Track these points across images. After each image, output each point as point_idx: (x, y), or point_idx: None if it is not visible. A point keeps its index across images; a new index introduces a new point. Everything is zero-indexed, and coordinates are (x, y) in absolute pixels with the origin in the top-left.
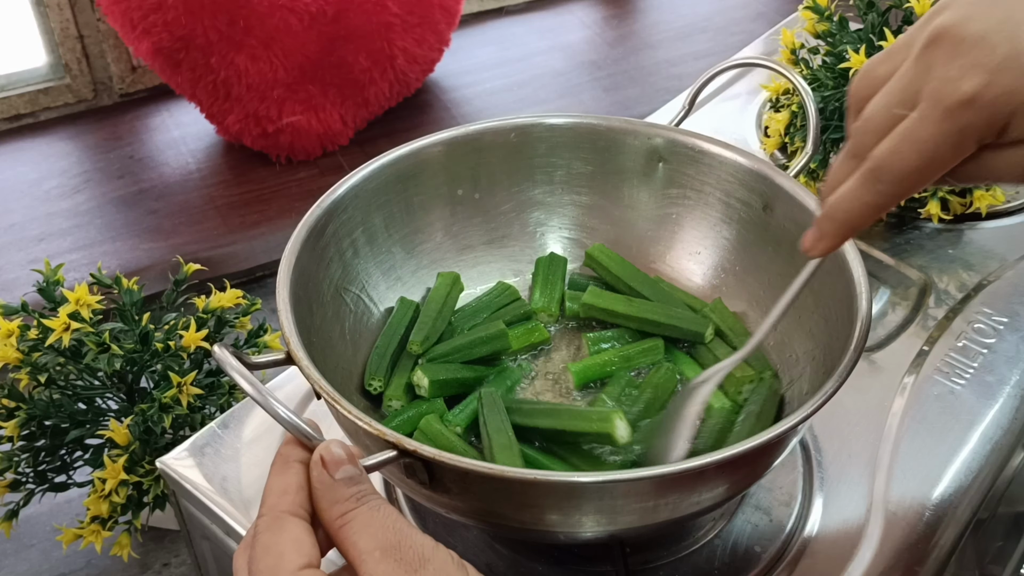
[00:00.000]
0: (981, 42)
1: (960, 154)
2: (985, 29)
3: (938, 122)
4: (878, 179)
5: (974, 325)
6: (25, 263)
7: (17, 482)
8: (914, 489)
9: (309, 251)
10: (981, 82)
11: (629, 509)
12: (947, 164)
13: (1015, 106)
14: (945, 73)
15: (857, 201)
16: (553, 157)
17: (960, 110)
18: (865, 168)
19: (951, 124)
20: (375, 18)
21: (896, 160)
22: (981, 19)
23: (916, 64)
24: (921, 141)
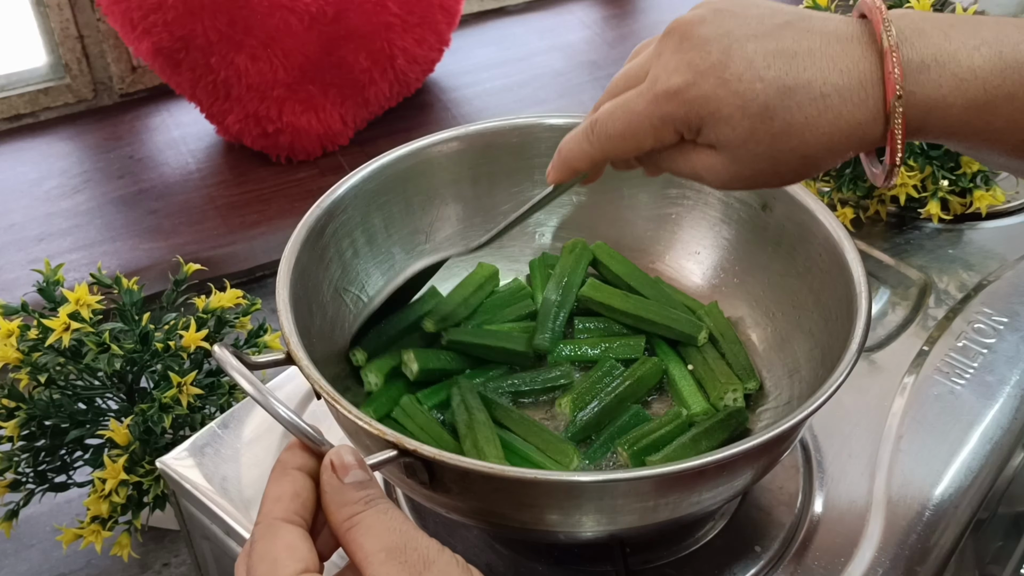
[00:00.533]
0: (701, 45)
1: (659, 137)
2: (709, 35)
3: (647, 102)
4: (592, 131)
5: (974, 325)
6: (25, 263)
7: (17, 482)
8: (914, 489)
9: (309, 251)
10: (687, 80)
11: (629, 509)
12: (647, 140)
13: (708, 110)
14: (666, 63)
15: (577, 146)
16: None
17: (665, 98)
18: (589, 120)
19: (656, 108)
20: (375, 18)
21: (608, 121)
22: (712, 25)
23: (655, 47)
24: (631, 112)
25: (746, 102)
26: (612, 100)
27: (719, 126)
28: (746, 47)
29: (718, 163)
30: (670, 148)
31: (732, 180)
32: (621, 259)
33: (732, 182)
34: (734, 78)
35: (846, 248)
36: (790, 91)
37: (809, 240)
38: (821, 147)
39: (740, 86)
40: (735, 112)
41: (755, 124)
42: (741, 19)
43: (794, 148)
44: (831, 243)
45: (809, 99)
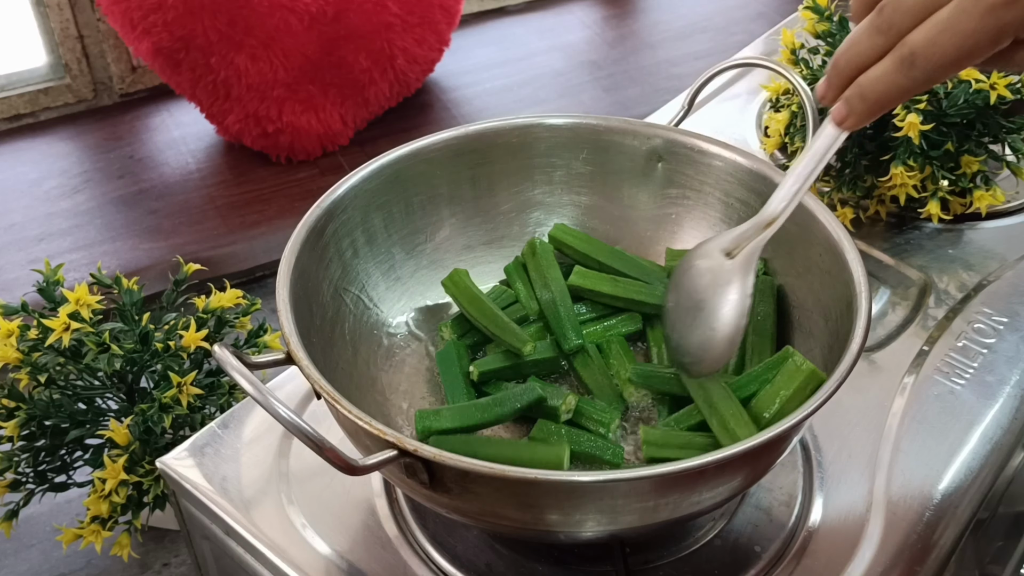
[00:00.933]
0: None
1: (996, 47)
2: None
3: (979, 17)
4: (913, 65)
5: (974, 325)
6: (25, 263)
7: (17, 482)
8: (914, 489)
9: (309, 251)
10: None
11: (629, 509)
12: (983, 56)
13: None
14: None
15: (892, 84)
16: (553, 157)
17: (1005, 6)
18: (900, 53)
19: (992, 20)
20: (375, 18)
21: (934, 50)
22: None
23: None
24: (961, 34)
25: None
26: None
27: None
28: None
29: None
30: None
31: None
32: (580, 236)
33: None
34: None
35: (846, 248)
36: None
37: (809, 240)
38: None
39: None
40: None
41: None
42: None
43: None
44: (831, 243)
45: None
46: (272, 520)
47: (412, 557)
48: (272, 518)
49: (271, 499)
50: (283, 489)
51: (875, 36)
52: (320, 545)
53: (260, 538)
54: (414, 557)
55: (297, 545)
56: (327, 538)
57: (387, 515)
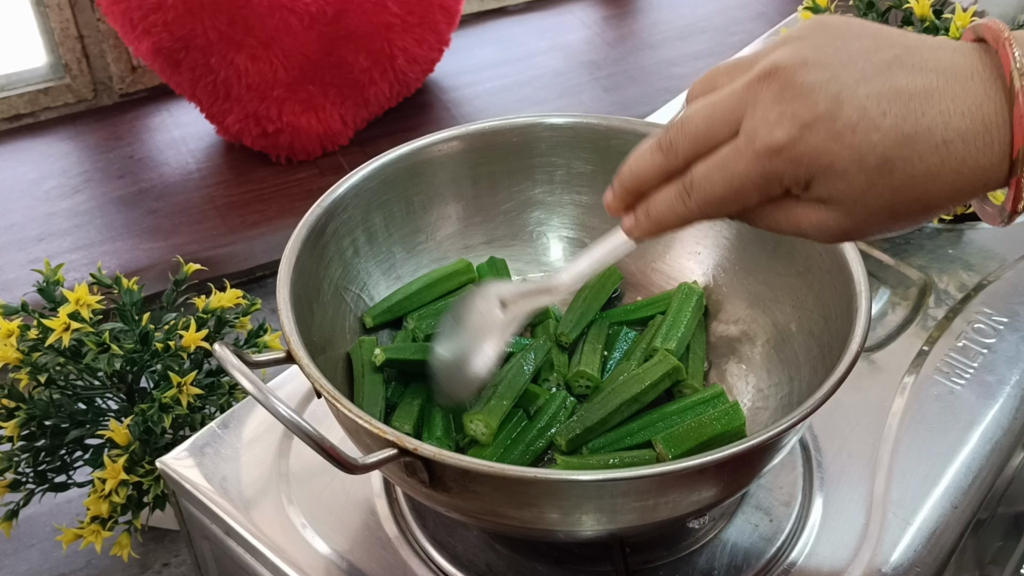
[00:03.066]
0: (805, 94)
1: (765, 195)
2: (814, 81)
3: (749, 161)
4: (690, 196)
5: (974, 325)
6: (25, 263)
7: (17, 482)
8: (914, 489)
9: (309, 251)
10: (792, 135)
11: (629, 507)
12: (752, 200)
13: (819, 166)
14: (765, 114)
15: (672, 210)
16: (553, 157)
17: (768, 156)
18: (683, 181)
19: (758, 166)
20: (375, 18)
21: (707, 184)
22: (815, 69)
23: (746, 91)
24: (731, 174)
25: (862, 155)
26: (706, 161)
27: (832, 181)
28: (857, 92)
29: (828, 218)
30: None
31: (843, 235)
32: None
33: (843, 236)
34: (847, 129)
35: (846, 248)
36: (910, 140)
37: (810, 240)
38: (944, 196)
39: (855, 138)
40: (850, 166)
41: (873, 178)
42: (846, 56)
43: (916, 199)
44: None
45: (931, 147)
46: (272, 520)
47: (412, 557)
48: (272, 518)
49: (271, 499)
50: (283, 489)
51: (656, 153)
52: (320, 545)
53: (260, 538)
54: (414, 557)
55: (297, 545)
56: (327, 538)
57: (387, 515)
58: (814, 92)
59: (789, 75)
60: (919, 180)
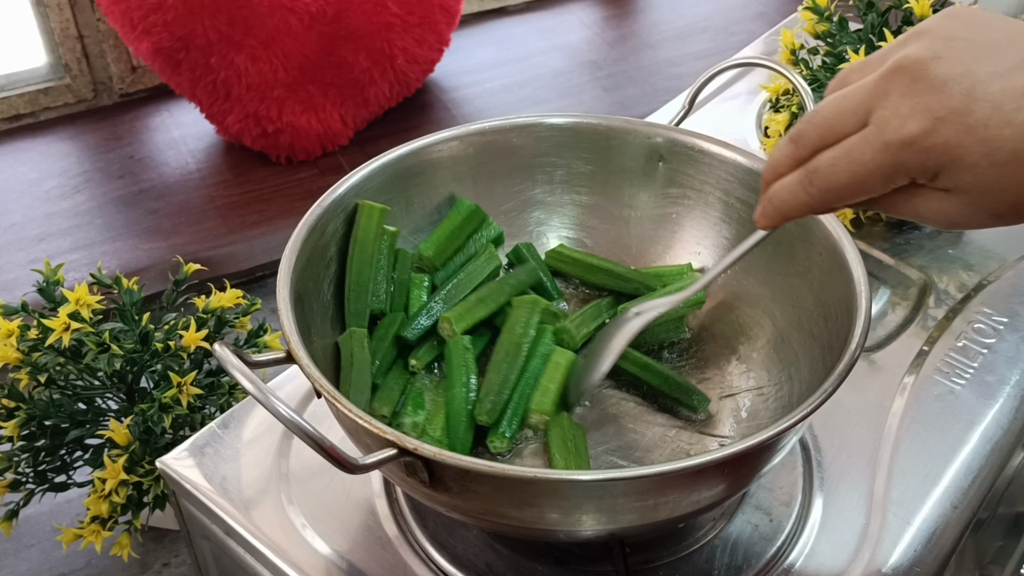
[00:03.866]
0: (938, 88)
1: (889, 185)
2: (947, 75)
3: (877, 151)
4: (812, 183)
5: (974, 325)
6: (25, 263)
7: (17, 482)
8: (914, 489)
9: (310, 250)
10: (924, 127)
11: (629, 507)
12: (876, 189)
13: (949, 159)
14: (896, 106)
15: (792, 196)
16: (553, 157)
17: (898, 147)
18: (805, 169)
19: (887, 157)
20: (375, 18)
21: (831, 172)
22: (947, 63)
23: (876, 84)
24: (857, 163)
25: (993, 150)
26: (832, 150)
27: (961, 174)
28: (991, 87)
29: (951, 207)
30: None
31: (963, 223)
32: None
33: (963, 224)
34: (980, 124)
35: (846, 248)
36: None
37: (809, 240)
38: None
39: (987, 132)
40: (980, 160)
41: (1002, 172)
42: (979, 51)
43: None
44: (831, 243)
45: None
46: (272, 520)
47: (412, 557)
48: (272, 518)
49: (271, 499)
50: (283, 489)
51: (788, 144)
52: (320, 545)
53: (260, 538)
54: (414, 557)
55: (297, 545)
56: (327, 538)
57: (387, 515)
58: (947, 86)
59: (922, 68)
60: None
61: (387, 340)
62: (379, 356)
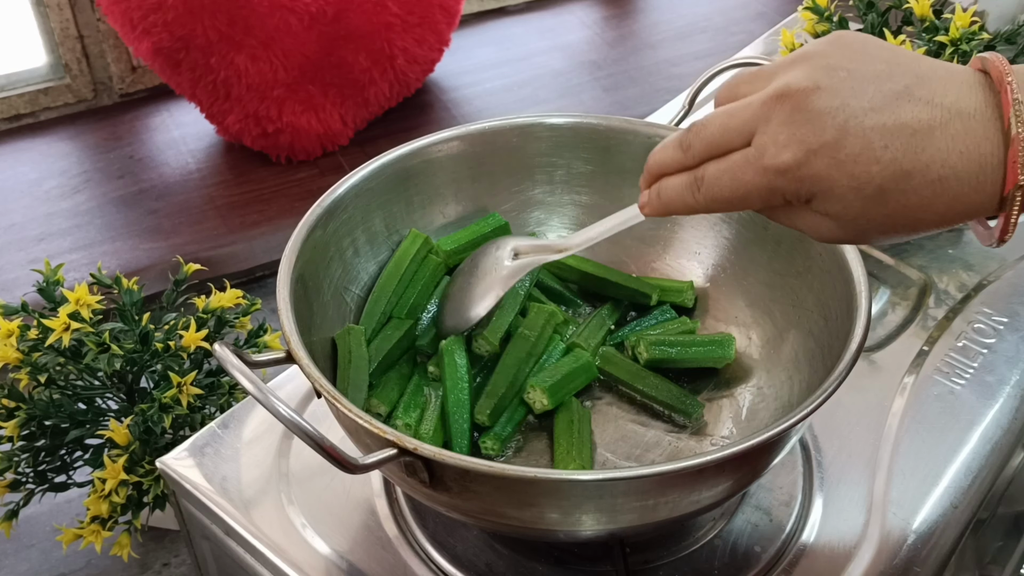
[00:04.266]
0: (814, 119)
1: (768, 203)
2: (823, 108)
3: (756, 173)
4: (698, 189)
5: (974, 325)
6: (25, 263)
7: (17, 482)
8: (914, 489)
9: (310, 250)
10: (797, 158)
11: (629, 507)
12: (755, 205)
13: (819, 189)
14: (775, 134)
15: (679, 197)
16: (553, 157)
17: (774, 173)
18: (695, 175)
19: (764, 180)
20: (375, 18)
21: (715, 184)
22: (826, 95)
23: (760, 108)
24: (737, 180)
25: (861, 184)
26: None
27: (830, 202)
28: (863, 122)
29: (825, 227)
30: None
31: (839, 240)
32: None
33: (839, 241)
34: (849, 159)
35: (846, 248)
36: (907, 175)
37: (809, 240)
38: (933, 224)
39: (855, 168)
40: (848, 193)
41: (868, 204)
42: (858, 83)
43: (907, 223)
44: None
45: (925, 183)
46: (272, 520)
47: (412, 557)
48: (272, 518)
49: (271, 499)
50: (283, 489)
51: (676, 150)
52: (320, 545)
53: (260, 538)
54: (414, 557)
55: (297, 545)
56: (327, 538)
57: (387, 515)
58: (822, 118)
59: (802, 99)
60: (912, 210)
61: (391, 343)
62: (379, 357)
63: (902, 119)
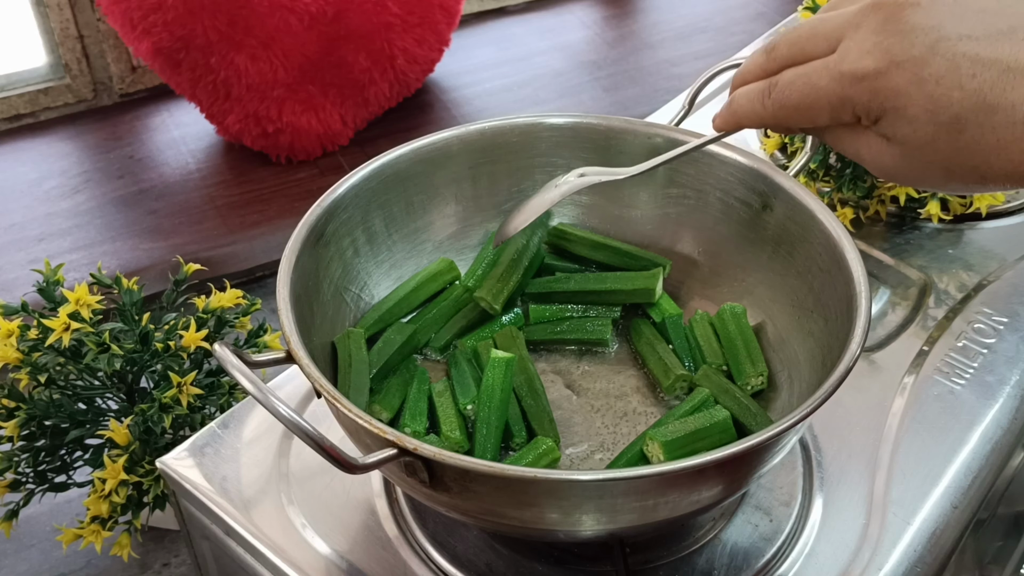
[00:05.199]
0: (905, 33)
1: (836, 116)
2: (918, 24)
3: (831, 78)
4: (769, 95)
5: (974, 325)
6: (25, 263)
7: (17, 482)
8: (914, 489)
9: (309, 250)
10: (878, 67)
11: (629, 507)
12: (822, 118)
13: (893, 105)
14: (862, 40)
15: (749, 105)
16: (553, 157)
17: (850, 80)
18: (767, 82)
19: (838, 87)
20: (375, 18)
21: (788, 89)
22: (924, 12)
23: (854, 16)
24: (812, 86)
25: (938, 107)
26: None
27: (900, 123)
28: (956, 47)
29: (887, 155)
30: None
31: (897, 175)
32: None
33: (896, 176)
34: (932, 79)
35: (846, 248)
36: (990, 109)
37: (809, 240)
38: (1003, 172)
39: (936, 89)
40: (922, 115)
41: (940, 132)
42: (962, 10)
43: (975, 166)
44: (831, 243)
45: (1008, 122)
46: (272, 520)
47: (412, 557)
48: (272, 518)
49: (271, 499)
50: (283, 489)
51: (761, 55)
52: (320, 545)
53: (260, 538)
54: (414, 557)
55: (297, 545)
56: (327, 538)
57: (387, 515)
58: (914, 33)
59: (898, 11)
60: (985, 149)
61: (393, 347)
62: (380, 362)
63: (999, 54)
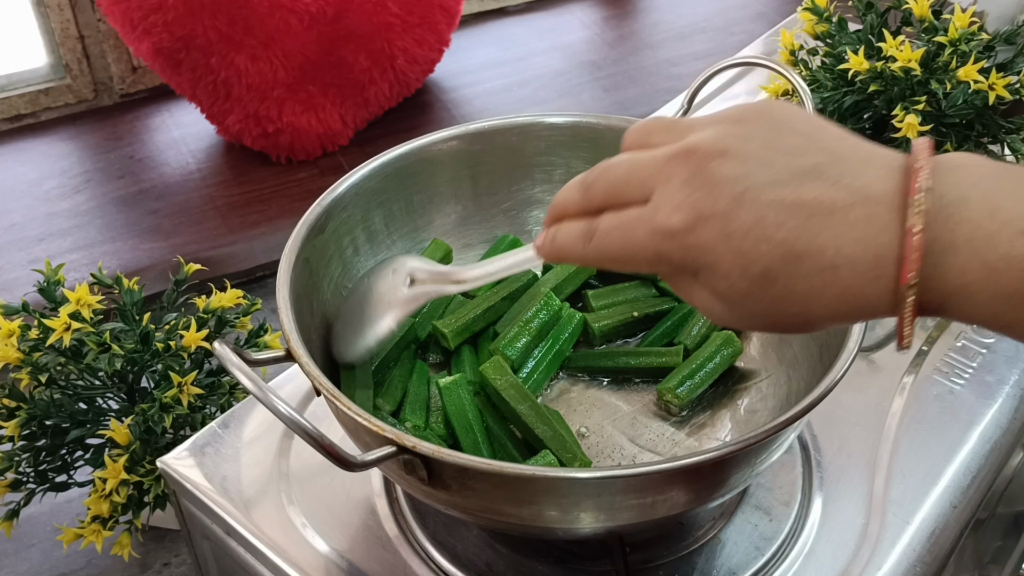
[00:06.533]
0: (712, 186)
1: (655, 269)
2: (724, 176)
3: (646, 233)
4: (589, 241)
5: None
6: (25, 263)
7: (18, 482)
8: (913, 489)
9: (310, 249)
10: (687, 224)
11: (627, 505)
12: (643, 269)
13: (704, 261)
14: (672, 195)
15: (570, 245)
16: (553, 156)
17: (662, 236)
18: (590, 226)
19: (652, 242)
20: (375, 18)
21: (607, 239)
22: (730, 163)
23: (665, 164)
24: (629, 239)
25: (748, 262)
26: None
27: (715, 279)
28: (762, 195)
29: (716, 307)
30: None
31: (729, 324)
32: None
33: (728, 325)
34: (739, 233)
35: None
36: (797, 258)
37: None
38: (824, 315)
39: (744, 244)
40: (734, 270)
41: (753, 287)
42: (769, 154)
43: (795, 313)
44: None
45: (816, 269)
46: (272, 520)
47: (412, 557)
48: (272, 518)
49: (271, 499)
50: (283, 489)
51: (578, 190)
52: (320, 545)
53: (260, 538)
54: (414, 557)
55: (297, 545)
56: (327, 538)
57: (387, 515)
58: (721, 185)
59: (705, 162)
60: (800, 297)
61: (392, 340)
62: (381, 355)
63: (802, 197)
